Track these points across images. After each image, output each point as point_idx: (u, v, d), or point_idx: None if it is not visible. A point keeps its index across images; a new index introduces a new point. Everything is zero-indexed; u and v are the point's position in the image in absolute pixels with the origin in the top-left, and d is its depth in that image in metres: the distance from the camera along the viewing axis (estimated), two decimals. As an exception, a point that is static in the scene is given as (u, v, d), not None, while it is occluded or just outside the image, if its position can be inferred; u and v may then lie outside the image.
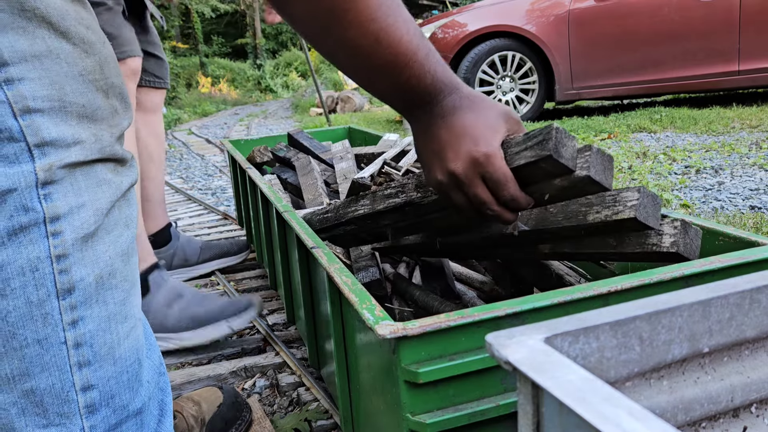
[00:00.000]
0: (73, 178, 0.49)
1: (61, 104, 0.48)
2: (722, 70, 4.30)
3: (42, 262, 0.48)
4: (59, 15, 0.48)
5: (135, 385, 0.56)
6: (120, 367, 0.55)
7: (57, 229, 0.48)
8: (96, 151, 0.51)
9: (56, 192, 0.48)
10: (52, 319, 0.49)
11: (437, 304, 0.95)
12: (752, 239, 0.79)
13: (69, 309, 0.50)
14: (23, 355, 0.49)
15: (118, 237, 0.54)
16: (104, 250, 0.52)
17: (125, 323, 0.55)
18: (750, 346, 0.47)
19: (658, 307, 0.41)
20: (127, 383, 0.55)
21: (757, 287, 0.45)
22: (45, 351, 0.50)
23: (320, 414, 1.08)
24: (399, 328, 0.59)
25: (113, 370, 0.54)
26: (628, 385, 0.42)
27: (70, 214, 0.49)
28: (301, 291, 1.11)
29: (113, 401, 0.54)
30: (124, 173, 0.55)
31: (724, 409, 0.46)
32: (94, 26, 0.52)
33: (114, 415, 0.54)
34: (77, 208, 0.49)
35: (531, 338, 0.37)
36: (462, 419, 0.61)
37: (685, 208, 2.08)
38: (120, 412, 0.55)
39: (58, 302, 0.49)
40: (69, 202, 0.49)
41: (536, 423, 0.35)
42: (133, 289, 0.56)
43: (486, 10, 4.66)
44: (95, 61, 0.51)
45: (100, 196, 0.51)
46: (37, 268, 0.48)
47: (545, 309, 0.63)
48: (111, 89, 0.53)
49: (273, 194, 1.30)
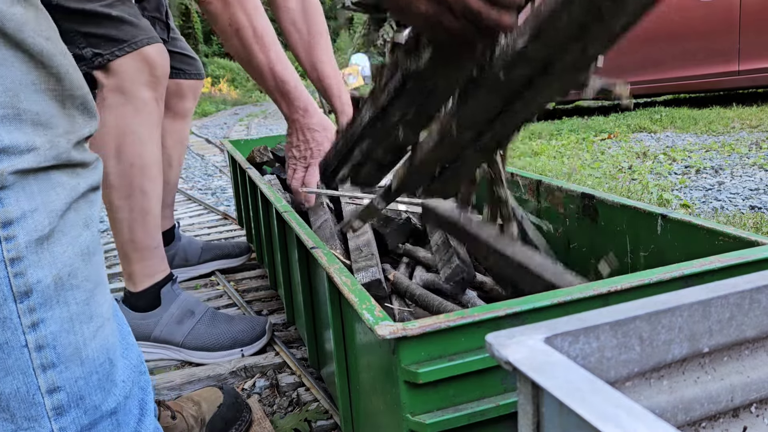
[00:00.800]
0: (25, 183, 0.50)
1: (15, 111, 0.49)
2: (722, 70, 4.30)
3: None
4: (15, 26, 0.48)
5: (107, 385, 0.56)
6: (88, 367, 0.54)
7: (10, 234, 0.49)
8: (51, 157, 0.51)
9: (8, 197, 0.49)
10: (11, 323, 0.50)
11: (437, 304, 0.95)
12: (752, 239, 0.79)
13: (27, 312, 0.50)
14: None
15: (77, 238, 0.54)
16: (62, 251, 0.52)
17: (90, 323, 0.55)
18: (750, 345, 0.47)
19: (658, 307, 0.41)
20: (97, 383, 0.55)
21: (756, 287, 0.45)
22: (6, 355, 0.50)
23: (320, 414, 1.08)
24: (399, 328, 0.59)
25: (81, 371, 0.54)
26: (628, 385, 0.42)
27: (22, 218, 0.50)
28: (301, 291, 1.11)
29: (83, 402, 0.54)
30: (83, 175, 0.55)
31: (724, 409, 0.46)
32: (53, 37, 0.53)
33: (86, 415, 0.54)
34: (30, 212, 0.50)
35: (531, 338, 0.37)
36: (462, 419, 0.61)
37: (685, 208, 2.08)
38: (92, 412, 0.55)
39: (15, 305, 0.50)
40: (21, 206, 0.49)
41: (536, 423, 0.35)
42: (97, 288, 0.56)
43: (486, 10, 4.65)
44: (52, 71, 0.52)
45: (53, 199, 0.52)
46: None
47: (545, 309, 0.63)
48: (69, 99, 0.53)
49: (273, 194, 1.29)
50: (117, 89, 1.22)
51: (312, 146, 1.34)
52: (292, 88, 1.29)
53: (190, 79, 1.64)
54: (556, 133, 3.86)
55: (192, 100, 1.68)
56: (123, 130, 1.23)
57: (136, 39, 1.23)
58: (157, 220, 1.31)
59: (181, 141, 1.70)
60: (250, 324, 1.34)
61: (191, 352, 1.32)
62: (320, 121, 1.34)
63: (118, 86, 1.22)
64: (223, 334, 1.32)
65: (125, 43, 1.22)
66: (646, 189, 2.30)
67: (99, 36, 1.20)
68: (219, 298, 1.68)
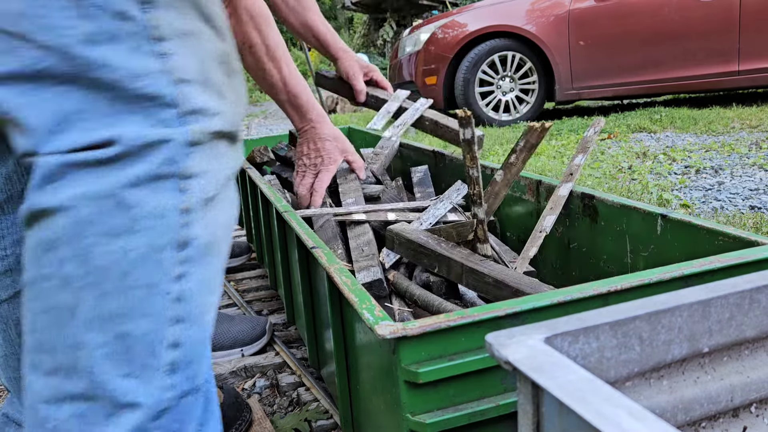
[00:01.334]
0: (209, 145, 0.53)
1: (204, 79, 0.53)
2: (722, 70, 4.30)
3: (170, 211, 0.51)
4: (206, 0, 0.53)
5: (204, 360, 0.56)
6: (203, 334, 0.55)
7: (187, 187, 0.51)
8: (228, 125, 0.55)
9: (195, 153, 0.52)
10: (164, 268, 0.51)
11: (437, 303, 0.95)
12: (752, 239, 0.79)
13: (179, 262, 0.52)
14: (130, 296, 0.50)
15: (227, 210, 0.57)
16: (215, 217, 0.55)
17: (214, 294, 0.57)
18: (750, 345, 0.47)
19: (658, 307, 0.41)
20: (203, 353, 0.56)
21: (756, 287, 0.45)
22: (150, 296, 0.51)
23: (320, 414, 1.08)
24: (399, 328, 0.59)
25: (199, 335, 0.54)
26: (628, 384, 0.42)
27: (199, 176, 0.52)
28: (301, 291, 1.11)
29: (189, 368, 0.54)
30: (239, 152, 0.59)
31: (724, 409, 0.46)
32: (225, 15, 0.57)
33: (186, 382, 0.54)
34: (204, 173, 0.53)
35: (531, 338, 0.37)
36: (462, 419, 0.61)
37: (685, 208, 2.08)
38: (191, 381, 0.54)
39: (173, 253, 0.51)
40: (201, 165, 0.52)
41: (536, 423, 0.35)
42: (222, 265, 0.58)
43: (486, 10, 4.66)
44: (226, 46, 0.56)
45: (221, 167, 0.55)
46: (164, 215, 0.50)
47: (545, 309, 0.63)
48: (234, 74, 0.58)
49: (273, 194, 1.29)
50: None
51: (323, 155, 1.40)
52: (305, 101, 1.35)
53: None
54: (556, 133, 3.86)
55: None
56: None
57: None
58: None
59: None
60: (251, 324, 1.34)
61: None
62: (331, 131, 1.40)
63: None
64: (223, 334, 1.32)
65: None
66: (646, 189, 2.30)
67: None
68: (219, 298, 1.68)
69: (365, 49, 12.18)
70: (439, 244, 0.96)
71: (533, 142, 1.00)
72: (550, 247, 1.20)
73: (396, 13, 10.73)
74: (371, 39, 11.85)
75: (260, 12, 1.28)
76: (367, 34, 12.05)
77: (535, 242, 1.12)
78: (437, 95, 4.66)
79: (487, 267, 0.90)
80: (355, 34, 13.06)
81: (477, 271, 0.89)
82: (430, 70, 4.67)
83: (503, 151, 3.33)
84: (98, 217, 0.49)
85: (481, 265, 0.90)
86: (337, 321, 0.86)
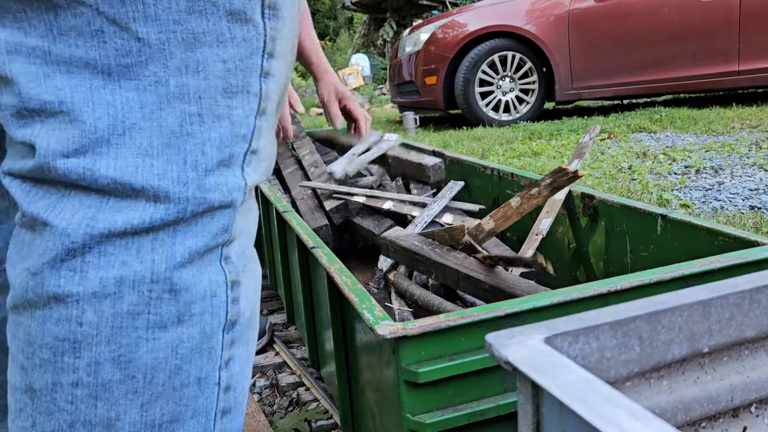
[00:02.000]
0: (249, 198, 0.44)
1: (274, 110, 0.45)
2: (722, 70, 4.30)
3: (220, 287, 0.42)
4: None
5: None
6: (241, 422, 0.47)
7: (228, 254, 0.42)
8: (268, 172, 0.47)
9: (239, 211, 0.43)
10: (214, 356, 0.42)
11: (437, 303, 0.95)
12: (752, 239, 0.79)
13: (228, 345, 0.43)
14: (180, 396, 0.41)
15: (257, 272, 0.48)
16: (251, 282, 0.46)
17: (249, 375, 0.48)
18: (750, 346, 0.47)
19: (658, 307, 0.41)
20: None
21: (756, 287, 0.45)
22: (201, 393, 0.42)
23: (320, 414, 1.08)
24: (399, 328, 0.59)
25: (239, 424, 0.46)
26: (628, 385, 0.42)
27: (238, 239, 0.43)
28: (300, 291, 1.11)
29: None
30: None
31: (724, 409, 0.46)
32: None
33: None
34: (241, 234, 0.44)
35: (531, 338, 0.37)
36: (462, 419, 0.61)
37: (685, 208, 2.08)
38: None
39: (222, 336, 0.42)
40: (240, 225, 0.43)
41: (536, 423, 0.35)
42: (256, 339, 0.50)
43: (486, 10, 4.66)
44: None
45: (251, 223, 0.46)
46: (215, 294, 0.41)
47: (545, 309, 0.63)
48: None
49: (273, 194, 1.29)
50: None
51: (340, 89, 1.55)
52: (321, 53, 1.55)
53: None
54: (556, 133, 3.86)
55: None
56: None
57: None
58: None
59: None
60: None
61: None
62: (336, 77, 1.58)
63: None
64: None
65: None
66: (646, 189, 2.30)
67: None
68: (219, 298, 1.68)
69: (365, 49, 12.18)
70: (433, 250, 0.96)
71: (559, 185, 0.98)
72: (550, 247, 1.20)
73: (396, 13, 10.73)
74: (371, 39, 11.85)
75: None
76: (367, 34, 12.05)
77: (532, 245, 1.12)
78: (437, 95, 4.66)
79: (482, 272, 0.90)
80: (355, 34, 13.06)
81: (472, 277, 0.89)
82: (430, 70, 4.67)
83: (503, 151, 3.33)
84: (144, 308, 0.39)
85: (476, 271, 0.90)
86: (337, 321, 0.86)
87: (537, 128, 4.04)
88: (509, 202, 1.00)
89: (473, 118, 4.58)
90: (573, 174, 0.97)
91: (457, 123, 4.98)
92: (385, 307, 1.00)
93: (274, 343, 1.36)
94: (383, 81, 10.42)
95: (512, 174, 1.31)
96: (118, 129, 0.36)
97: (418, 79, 4.78)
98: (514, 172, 1.31)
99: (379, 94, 9.74)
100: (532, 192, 0.99)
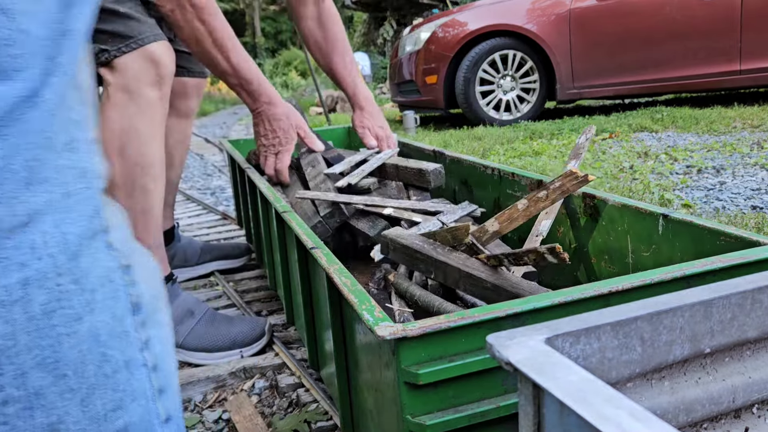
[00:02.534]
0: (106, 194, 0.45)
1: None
2: (724, 69, 4.30)
3: (114, 272, 0.42)
4: None
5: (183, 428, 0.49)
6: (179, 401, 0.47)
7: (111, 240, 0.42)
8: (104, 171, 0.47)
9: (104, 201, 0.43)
10: (132, 337, 0.42)
11: (438, 304, 0.95)
12: (754, 239, 0.78)
13: (140, 326, 0.43)
14: (116, 383, 0.41)
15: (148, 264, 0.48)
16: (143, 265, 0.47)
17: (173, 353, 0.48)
18: (752, 346, 0.47)
19: (660, 308, 0.41)
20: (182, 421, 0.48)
21: (758, 287, 0.45)
22: (132, 375, 0.42)
23: (320, 415, 1.07)
24: (399, 329, 0.58)
25: (178, 402, 0.47)
26: (629, 385, 0.42)
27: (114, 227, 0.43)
28: (300, 292, 1.11)
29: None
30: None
31: (726, 410, 0.46)
32: None
33: None
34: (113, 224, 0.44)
35: (532, 339, 0.37)
36: (462, 420, 0.60)
37: (687, 208, 2.07)
38: None
39: (132, 318, 0.43)
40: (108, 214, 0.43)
41: (537, 424, 0.35)
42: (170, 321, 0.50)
43: (486, 9, 4.66)
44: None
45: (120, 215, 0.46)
46: (111, 278, 0.42)
47: (546, 309, 0.62)
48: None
49: (272, 194, 1.29)
50: (122, 88, 1.21)
51: (279, 134, 1.47)
52: (256, 86, 1.40)
53: (194, 77, 1.64)
54: (557, 132, 3.86)
55: (196, 98, 1.68)
56: (127, 129, 1.22)
57: (142, 36, 1.22)
58: (158, 220, 1.31)
59: (184, 140, 1.70)
60: (250, 325, 1.34)
61: (190, 352, 1.32)
62: (284, 110, 1.46)
63: (123, 85, 1.21)
64: (223, 335, 1.31)
65: (131, 39, 1.20)
66: (648, 189, 2.30)
67: (105, 32, 1.19)
68: (218, 298, 1.68)
69: (365, 48, 12.19)
70: (435, 249, 0.96)
71: (568, 189, 0.98)
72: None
73: (396, 11, 10.73)
74: (371, 38, 11.85)
75: (204, 3, 1.27)
76: (367, 33, 12.05)
77: (533, 246, 1.12)
78: (437, 94, 4.66)
79: (484, 272, 0.89)
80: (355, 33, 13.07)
81: (474, 276, 0.89)
82: (431, 69, 4.67)
83: (504, 151, 3.33)
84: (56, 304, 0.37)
85: (479, 270, 0.90)
86: (336, 322, 0.86)
87: (538, 127, 4.04)
88: (516, 205, 1.00)
89: (474, 117, 4.58)
90: (583, 178, 0.96)
91: (457, 122, 4.98)
92: (385, 308, 1.00)
93: (274, 344, 1.35)
94: (383, 80, 10.42)
95: (513, 174, 1.31)
96: None
97: (418, 78, 4.78)
98: (515, 171, 1.31)
99: (380, 94, 9.75)
100: (540, 195, 0.99)
